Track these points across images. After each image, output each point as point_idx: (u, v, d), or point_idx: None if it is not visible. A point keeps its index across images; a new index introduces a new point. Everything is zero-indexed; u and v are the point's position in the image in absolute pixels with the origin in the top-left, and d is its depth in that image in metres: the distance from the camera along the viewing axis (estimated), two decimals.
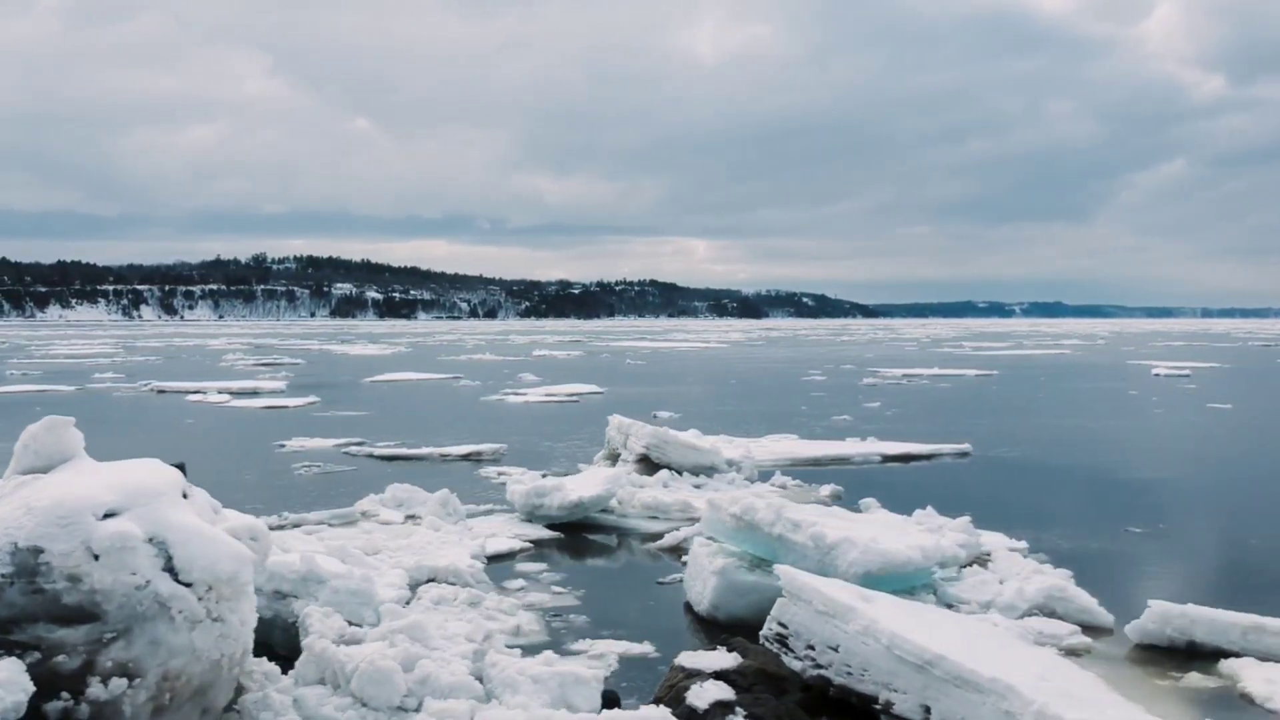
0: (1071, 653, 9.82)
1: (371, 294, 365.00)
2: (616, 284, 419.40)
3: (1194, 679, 9.19)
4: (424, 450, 23.36)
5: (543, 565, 13.02)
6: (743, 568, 10.85)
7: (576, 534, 15.17)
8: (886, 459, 22.72)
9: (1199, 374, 54.91)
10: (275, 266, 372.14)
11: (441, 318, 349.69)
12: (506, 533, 14.61)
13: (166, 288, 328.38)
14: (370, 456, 23.06)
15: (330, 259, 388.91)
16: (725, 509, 11.15)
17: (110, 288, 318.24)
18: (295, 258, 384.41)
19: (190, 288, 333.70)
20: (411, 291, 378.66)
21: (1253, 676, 8.94)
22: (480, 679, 7.29)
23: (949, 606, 10.73)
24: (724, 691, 8.01)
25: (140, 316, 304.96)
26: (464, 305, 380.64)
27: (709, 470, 18.72)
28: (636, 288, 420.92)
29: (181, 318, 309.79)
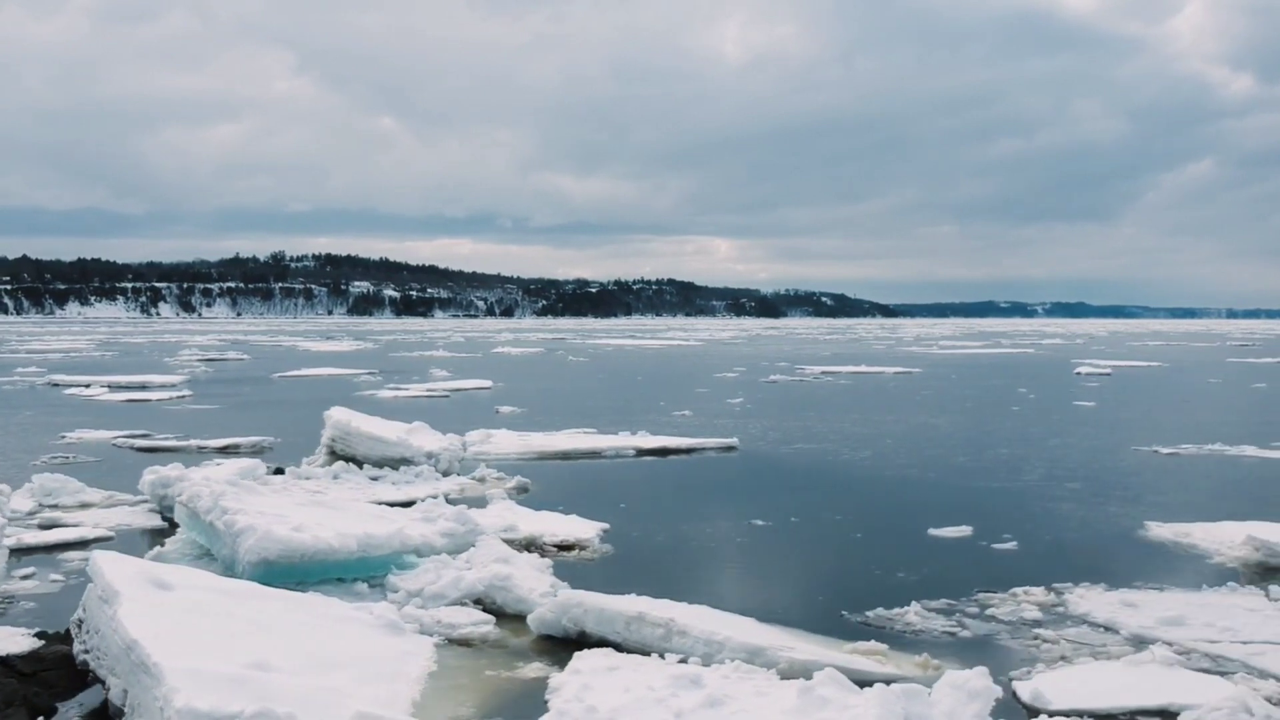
0: (463, 642, 9.73)
1: (389, 292, 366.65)
2: (634, 283, 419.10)
3: (533, 669, 9.04)
4: (189, 443, 23.52)
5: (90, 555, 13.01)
6: (188, 556, 10.83)
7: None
8: (641, 452, 22.60)
9: (1121, 373, 54.14)
10: (294, 264, 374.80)
11: (459, 316, 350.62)
12: (108, 523, 14.66)
13: (185, 285, 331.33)
14: (130, 449, 23.26)
15: (349, 257, 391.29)
16: (178, 497, 11.13)
17: (129, 285, 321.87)
18: (314, 256, 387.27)
19: (209, 285, 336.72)
20: (429, 290, 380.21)
21: (578, 668, 8.73)
22: None
23: (384, 596, 10.66)
24: None
25: (158, 314, 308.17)
26: (481, 304, 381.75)
27: (398, 463, 18.66)
28: (654, 287, 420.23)
29: (199, 315, 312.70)
